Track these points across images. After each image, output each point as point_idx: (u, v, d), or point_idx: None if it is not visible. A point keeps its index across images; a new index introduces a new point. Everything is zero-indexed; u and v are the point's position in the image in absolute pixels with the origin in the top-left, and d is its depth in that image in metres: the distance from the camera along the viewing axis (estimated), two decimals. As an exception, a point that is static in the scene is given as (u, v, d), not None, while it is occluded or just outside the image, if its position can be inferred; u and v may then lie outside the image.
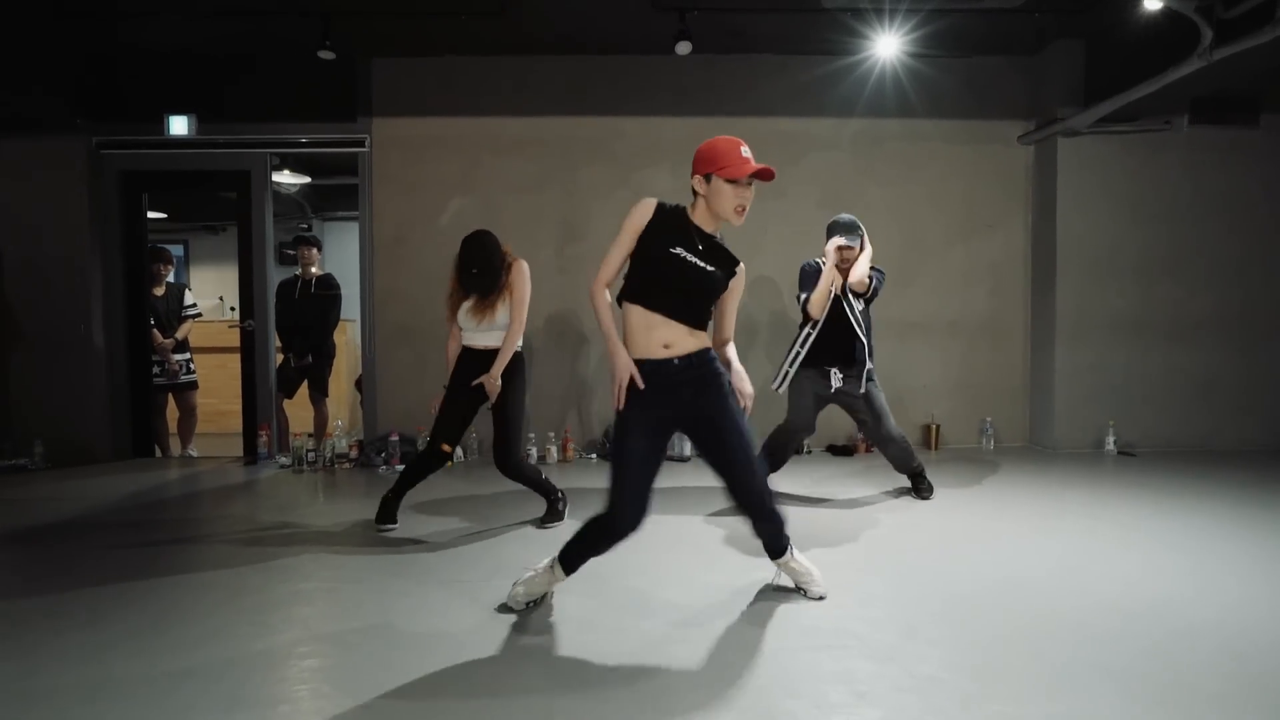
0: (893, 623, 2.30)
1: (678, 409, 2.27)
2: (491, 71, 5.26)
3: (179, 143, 5.16)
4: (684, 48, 4.53)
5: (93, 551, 3.09)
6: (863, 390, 3.69)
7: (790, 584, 2.56)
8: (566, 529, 3.18)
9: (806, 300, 3.66)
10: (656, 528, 2.64)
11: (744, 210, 2.24)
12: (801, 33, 4.85)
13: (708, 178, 2.22)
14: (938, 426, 5.39)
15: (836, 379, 3.69)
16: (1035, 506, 3.74)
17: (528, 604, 2.41)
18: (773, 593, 2.54)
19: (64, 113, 5.02)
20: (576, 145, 5.32)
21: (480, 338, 3.36)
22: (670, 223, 2.26)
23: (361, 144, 5.25)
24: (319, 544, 3.15)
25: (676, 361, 2.23)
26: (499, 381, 3.25)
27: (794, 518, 2.57)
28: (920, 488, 3.88)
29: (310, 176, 6.68)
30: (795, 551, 2.53)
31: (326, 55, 4.55)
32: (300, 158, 6.31)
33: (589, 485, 4.25)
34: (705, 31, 4.79)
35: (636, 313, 2.25)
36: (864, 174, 5.41)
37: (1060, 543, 3.12)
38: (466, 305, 3.35)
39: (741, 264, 2.36)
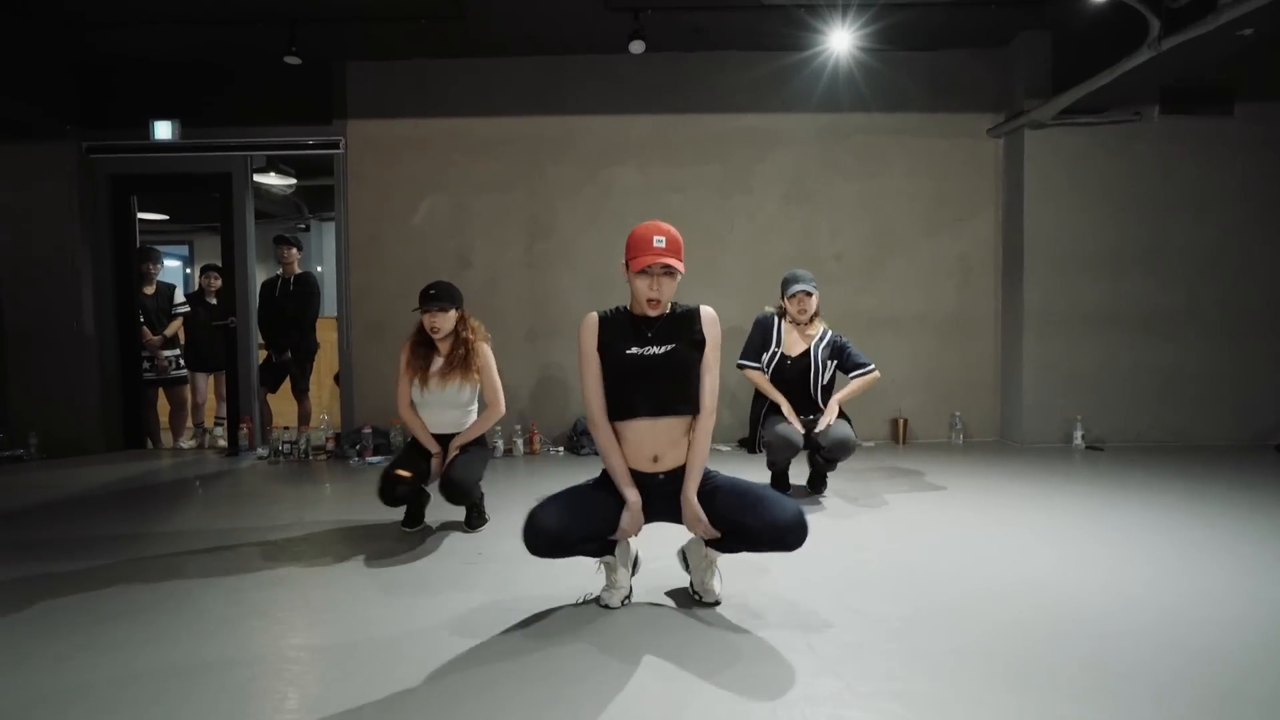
0: (851, 611, 2.27)
1: (660, 511, 2.30)
2: (460, 73, 5.37)
3: (164, 146, 5.37)
4: (638, 46, 4.59)
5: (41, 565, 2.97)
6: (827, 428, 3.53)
7: (689, 571, 2.44)
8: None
9: (744, 368, 3.66)
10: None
11: (656, 303, 2.16)
12: (761, 29, 4.88)
13: (628, 268, 2.19)
14: (906, 421, 5.39)
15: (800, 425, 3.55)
16: (997, 501, 3.66)
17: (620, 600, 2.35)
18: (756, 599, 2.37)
19: (54, 120, 5.24)
20: (543, 144, 5.41)
21: (439, 415, 3.14)
22: (616, 327, 2.23)
23: (336, 145, 5.40)
24: (259, 540, 3.29)
25: (662, 476, 2.26)
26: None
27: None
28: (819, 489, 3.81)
29: (296, 178, 6.86)
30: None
31: (293, 60, 4.70)
32: (291, 159, 6.49)
33: (552, 479, 4.36)
34: (665, 29, 4.85)
35: (625, 428, 2.23)
36: (831, 168, 5.42)
37: (1017, 539, 3.06)
38: (430, 372, 3.10)
39: (705, 309, 2.25)
